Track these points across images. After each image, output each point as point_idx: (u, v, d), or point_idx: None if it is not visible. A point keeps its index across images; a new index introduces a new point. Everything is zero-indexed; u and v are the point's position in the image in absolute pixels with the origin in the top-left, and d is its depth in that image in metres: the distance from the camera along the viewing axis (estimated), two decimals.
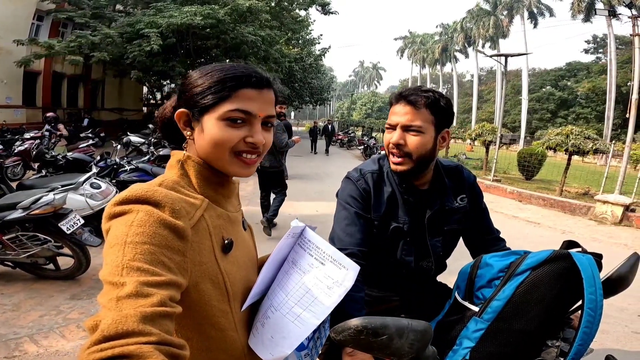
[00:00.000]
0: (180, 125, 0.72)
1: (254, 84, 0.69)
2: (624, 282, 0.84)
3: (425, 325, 0.65)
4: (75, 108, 16.85)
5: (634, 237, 5.80)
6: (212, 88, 0.68)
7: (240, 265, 0.75)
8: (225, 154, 0.69)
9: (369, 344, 0.62)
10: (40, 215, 2.93)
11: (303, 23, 19.09)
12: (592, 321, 0.71)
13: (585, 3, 23.59)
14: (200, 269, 0.64)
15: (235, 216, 0.79)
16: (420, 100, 1.08)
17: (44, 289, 3.11)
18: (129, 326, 0.46)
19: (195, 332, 0.66)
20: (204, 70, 0.72)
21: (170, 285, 0.54)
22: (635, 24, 8.89)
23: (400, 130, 1.10)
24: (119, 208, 0.60)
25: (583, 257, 0.77)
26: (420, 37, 45.31)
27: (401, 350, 0.63)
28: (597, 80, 29.87)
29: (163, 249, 0.56)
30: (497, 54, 14.92)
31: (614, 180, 8.22)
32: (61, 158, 5.70)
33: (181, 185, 0.68)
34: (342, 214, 1.14)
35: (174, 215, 0.60)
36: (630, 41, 26.65)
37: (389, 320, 0.62)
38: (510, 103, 32.75)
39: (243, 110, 0.67)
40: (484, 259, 0.89)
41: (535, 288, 0.78)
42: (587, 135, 8.59)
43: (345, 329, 0.62)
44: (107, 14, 13.41)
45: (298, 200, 7.13)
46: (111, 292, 0.51)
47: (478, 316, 0.83)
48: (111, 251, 0.55)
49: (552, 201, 8.08)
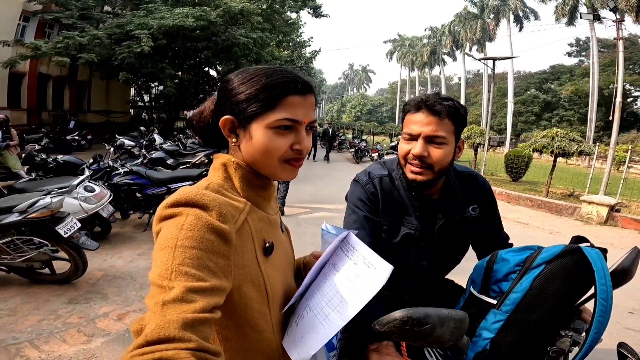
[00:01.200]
0: (225, 132, 0.72)
1: (300, 90, 0.69)
2: (627, 275, 0.89)
3: (463, 314, 0.70)
4: (61, 110, 16.52)
5: (620, 237, 5.99)
6: (260, 95, 0.68)
7: (279, 268, 0.76)
8: (275, 161, 0.70)
9: (413, 334, 0.66)
10: (37, 218, 2.90)
11: (294, 26, 19.12)
12: (604, 310, 0.76)
13: (569, 7, 24.17)
14: (243, 272, 0.66)
15: (275, 219, 0.80)
16: (444, 110, 1.04)
17: (39, 293, 3.07)
18: (171, 332, 0.49)
19: (235, 332, 0.68)
20: (248, 73, 0.71)
21: (214, 291, 0.56)
22: (620, 28, 9.19)
23: (423, 142, 1.05)
24: (170, 210, 0.62)
25: (592, 251, 0.81)
26: (409, 40, 45.81)
27: (442, 338, 0.68)
28: (579, 83, 30.64)
29: (210, 253, 0.58)
30: (484, 58, 15.23)
31: (598, 181, 8.47)
32: (51, 161, 5.62)
33: (225, 189, 0.70)
34: (352, 217, 1.15)
35: (221, 219, 0.61)
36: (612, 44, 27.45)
37: (431, 310, 0.67)
38: (496, 106, 33.33)
39: (291, 119, 0.68)
40: (499, 254, 0.93)
41: (551, 280, 0.83)
42: (571, 138, 8.83)
43: (391, 320, 0.66)
44: (95, 15, 13.21)
45: (292, 202, 7.15)
46: (158, 296, 0.53)
47: (497, 308, 0.87)
48: (162, 253, 0.57)
49: (539, 202, 8.27)
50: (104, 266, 3.69)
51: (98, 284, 3.32)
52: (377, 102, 60.67)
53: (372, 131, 25.71)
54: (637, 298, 3.63)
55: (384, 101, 60.00)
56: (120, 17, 13.17)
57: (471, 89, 42.46)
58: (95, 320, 2.72)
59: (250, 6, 12.47)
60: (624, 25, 9.50)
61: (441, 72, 42.73)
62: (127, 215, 5.14)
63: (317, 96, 0.75)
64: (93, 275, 3.45)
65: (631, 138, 22.96)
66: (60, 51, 11.23)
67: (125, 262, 3.82)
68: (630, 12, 20.84)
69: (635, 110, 30.08)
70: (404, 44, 46.19)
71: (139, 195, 4.94)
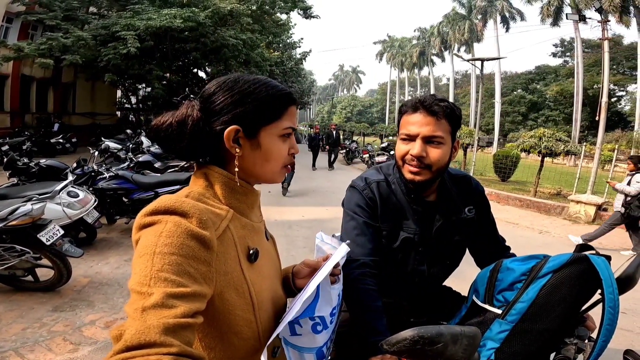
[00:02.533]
0: (229, 143, 0.70)
1: (295, 101, 0.76)
2: (631, 282, 0.88)
3: (476, 330, 0.67)
4: (45, 113, 16.13)
5: (607, 236, 6.05)
6: (271, 104, 0.71)
7: (265, 275, 0.76)
8: (279, 166, 0.75)
9: (424, 353, 0.63)
10: (18, 226, 2.79)
11: (284, 27, 19.07)
12: (612, 318, 0.75)
13: (554, 7, 24.65)
14: (225, 279, 0.65)
15: (259, 226, 0.80)
16: (441, 111, 1.05)
17: (23, 301, 2.97)
18: (151, 337, 0.48)
19: (219, 340, 0.67)
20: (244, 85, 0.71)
21: (196, 297, 0.56)
22: (605, 28, 9.35)
23: (421, 142, 1.06)
24: (149, 219, 0.61)
25: (599, 259, 0.81)
26: (398, 41, 46.13)
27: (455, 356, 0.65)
28: (564, 84, 31.25)
29: (190, 259, 0.57)
30: (472, 59, 15.39)
31: (585, 180, 8.60)
32: (34, 165, 5.45)
33: (206, 197, 0.70)
34: (351, 224, 1.13)
35: (201, 226, 0.61)
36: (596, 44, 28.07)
37: (443, 328, 0.64)
38: (484, 106, 33.78)
39: (292, 127, 0.75)
40: (504, 264, 0.92)
41: (558, 289, 0.82)
42: (558, 138, 8.97)
43: (400, 340, 0.63)
44: (80, 17, 12.97)
45: (284, 205, 7.11)
46: (137, 302, 0.52)
47: (502, 318, 0.85)
48: (140, 261, 0.56)
49: (528, 202, 8.37)
50: (89, 273, 3.58)
51: (84, 291, 3.22)
52: (368, 103, 60.95)
53: (363, 132, 25.79)
54: (627, 298, 3.63)
55: (374, 102, 60.32)
56: (106, 18, 12.98)
57: (460, 90, 42.96)
58: (81, 328, 2.64)
59: (240, 7, 12.41)
60: (608, 26, 9.66)
61: (430, 73, 43.18)
62: (113, 221, 5.02)
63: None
64: (78, 282, 3.35)
65: (616, 137, 23.45)
66: (44, 52, 11.01)
67: (112, 269, 3.71)
68: (614, 13, 21.37)
69: (620, 110, 30.79)
70: (393, 45, 46.52)
71: (125, 200, 4.82)
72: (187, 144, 0.71)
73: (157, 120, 0.73)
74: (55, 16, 12.23)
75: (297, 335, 0.79)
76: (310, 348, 0.79)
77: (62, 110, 17.00)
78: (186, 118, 0.71)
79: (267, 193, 8.12)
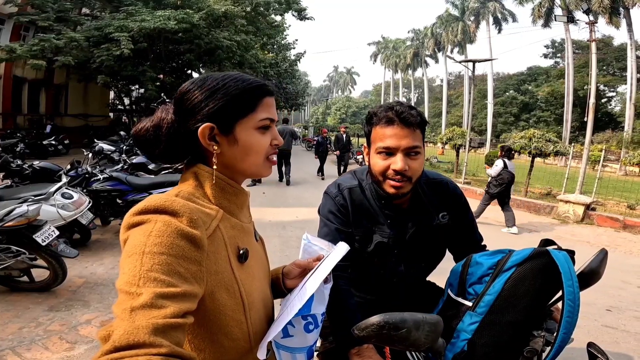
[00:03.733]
0: (205, 141, 0.70)
1: (271, 92, 0.75)
2: (595, 276, 0.92)
3: (437, 318, 0.73)
4: (37, 114, 16.01)
5: (596, 235, 6.19)
6: (242, 99, 0.70)
7: (254, 276, 0.76)
8: (261, 159, 0.74)
9: (390, 338, 0.69)
10: (14, 227, 2.82)
11: (278, 28, 19.10)
12: (572, 311, 0.78)
13: (544, 9, 24.93)
14: (216, 278, 0.65)
15: (248, 227, 0.80)
16: (415, 121, 1.05)
17: (19, 301, 3.00)
18: (140, 338, 0.47)
19: (209, 342, 0.67)
20: (215, 82, 0.71)
21: (186, 297, 0.55)
22: (592, 30, 9.50)
23: (402, 155, 1.04)
24: (138, 218, 0.60)
25: (560, 254, 0.84)
26: (392, 43, 46.36)
27: (419, 341, 0.70)
28: (555, 84, 31.58)
29: (180, 259, 0.57)
30: (465, 60, 15.53)
31: (574, 180, 8.74)
32: (27, 167, 5.44)
33: (196, 197, 0.69)
34: (324, 230, 1.17)
35: (192, 225, 0.61)
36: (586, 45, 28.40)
37: (407, 315, 0.70)
38: (477, 107, 34.06)
39: (270, 118, 0.73)
40: (474, 258, 0.97)
41: (521, 282, 0.87)
42: (548, 138, 9.10)
43: (368, 325, 0.69)
44: (73, 18, 12.90)
45: (277, 206, 7.14)
46: (126, 302, 0.51)
47: (472, 310, 0.90)
48: (129, 261, 0.56)
49: (518, 202, 8.49)
50: (84, 273, 3.61)
51: (79, 291, 3.25)
52: (362, 104, 61.12)
53: (357, 133, 25.86)
54: (613, 296, 3.77)
55: (369, 103, 60.43)
56: (99, 19, 12.92)
57: (453, 91, 43.28)
58: (77, 328, 2.67)
59: (234, 9, 12.43)
60: (596, 27, 9.83)
61: (424, 74, 43.45)
62: (107, 222, 5.03)
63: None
64: (74, 282, 3.38)
65: (606, 137, 23.76)
66: (36, 54, 10.94)
67: (107, 269, 3.74)
68: (603, 14, 21.66)
69: (610, 111, 31.21)
70: (387, 46, 46.75)
71: (119, 201, 4.84)
72: (165, 147, 0.73)
73: (136, 126, 0.76)
74: (48, 17, 12.16)
75: (289, 337, 0.79)
76: (301, 348, 0.81)
77: (55, 112, 16.87)
78: (161, 121, 0.74)
79: (262, 194, 8.17)
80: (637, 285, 4.16)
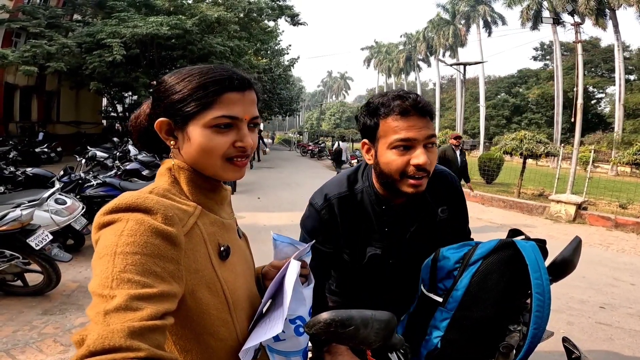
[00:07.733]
0: (162, 135, 0.69)
1: (236, 87, 0.67)
2: (569, 265, 0.88)
3: (389, 315, 0.71)
4: (29, 121, 15.88)
5: (588, 234, 6.25)
6: (194, 95, 0.65)
7: (239, 273, 0.73)
8: (216, 160, 0.67)
9: (338, 335, 0.68)
10: (8, 231, 2.84)
11: (272, 34, 19.19)
12: (541, 305, 0.74)
13: (532, 11, 25.26)
14: (196, 277, 0.62)
15: (230, 223, 0.77)
16: (430, 108, 0.94)
17: (13, 305, 3.02)
18: (116, 342, 0.45)
19: (195, 342, 0.65)
20: (181, 74, 0.69)
21: (164, 297, 0.53)
22: (578, 31, 9.68)
23: (423, 148, 0.91)
24: (108, 217, 0.58)
25: (526, 244, 0.80)
26: (385, 47, 46.72)
27: (368, 339, 0.69)
28: (545, 87, 31.90)
29: (155, 258, 0.55)
30: (456, 63, 15.72)
31: (565, 181, 8.86)
32: (20, 174, 5.42)
33: (172, 193, 0.67)
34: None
35: (167, 222, 0.58)
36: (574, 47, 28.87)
37: (355, 312, 0.69)
38: (469, 110, 34.36)
39: (229, 115, 0.66)
40: (441, 252, 0.92)
41: (488, 276, 0.83)
42: (538, 140, 9.22)
43: (316, 322, 0.68)
44: (64, 24, 12.92)
45: (272, 211, 7.16)
46: (99, 305, 0.49)
47: (443, 306, 0.87)
48: (100, 262, 0.53)
49: (511, 203, 8.58)
50: (78, 278, 3.62)
51: (73, 295, 3.27)
52: (356, 109, 61.13)
53: (352, 138, 25.99)
54: (606, 293, 3.81)
55: None
56: (91, 25, 12.90)
57: (445, 94, 43.64)
58: (71, 331, 2.69)
59: (227, 15, 12.49)
60: (581, 28, 10.01)
61: (417, 78, 43.81)
62: None
63: (258, 92, 0.73)
64: (67, 286, 3.40)
65: (597, 138, 24.06)
66: (28, 60, 10.91)
67: None
68: (590, 15, 22.00)
69: (600, 112, 31.65)
70: (380, 51, 47.10)
71: None
72: (143, 138, 0.76)
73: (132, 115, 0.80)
74: (39, 23, 12.15)
75: (280, 341, 0.78)
76: (296, 351, 0.79)
77: (46, 119, 16.76)
78: (141, 113, 0.77)
79: (257, 199, 8.18)
80: (630, 282, 4.21)
